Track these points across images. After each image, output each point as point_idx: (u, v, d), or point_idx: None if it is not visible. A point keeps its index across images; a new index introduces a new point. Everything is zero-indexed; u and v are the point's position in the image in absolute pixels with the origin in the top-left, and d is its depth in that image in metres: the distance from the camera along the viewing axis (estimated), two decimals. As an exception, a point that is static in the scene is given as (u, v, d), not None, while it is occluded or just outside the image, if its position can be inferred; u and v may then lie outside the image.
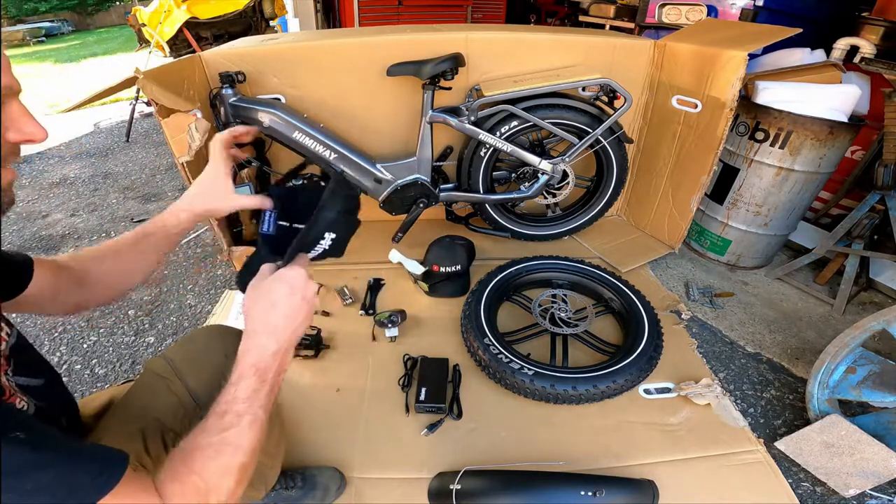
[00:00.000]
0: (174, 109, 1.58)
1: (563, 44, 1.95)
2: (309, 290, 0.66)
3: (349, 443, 1.30)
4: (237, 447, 0.56)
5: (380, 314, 1.63)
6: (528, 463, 1.23)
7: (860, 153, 2.19)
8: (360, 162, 1.89)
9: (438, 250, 1.87)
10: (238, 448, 0.56)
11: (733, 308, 1.89)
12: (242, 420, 0.57)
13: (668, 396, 1.44)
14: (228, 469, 0.55)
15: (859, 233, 1.85)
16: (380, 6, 5.09)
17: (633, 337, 1.52)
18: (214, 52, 1.89)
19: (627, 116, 2.05)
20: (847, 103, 1.77)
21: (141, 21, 4.48)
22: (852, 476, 1.19)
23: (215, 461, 0.55)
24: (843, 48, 2.22)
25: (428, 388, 1.41)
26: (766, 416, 1.45)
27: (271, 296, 0.64)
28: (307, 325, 0.67)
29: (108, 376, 1.58)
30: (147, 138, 3.94)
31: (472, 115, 1.85)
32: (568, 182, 2.01)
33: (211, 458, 0.55)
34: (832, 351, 1.26)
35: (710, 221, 2.14)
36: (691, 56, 1.81)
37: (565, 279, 1.84)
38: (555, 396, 1.36)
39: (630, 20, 3.82)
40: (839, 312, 1.87)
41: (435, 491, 1.16)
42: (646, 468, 1.23)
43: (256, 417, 0.58)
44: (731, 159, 1.99)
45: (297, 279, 0.65)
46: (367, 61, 1.90)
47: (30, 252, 0.90)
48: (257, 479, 0.95)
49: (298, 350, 1.55)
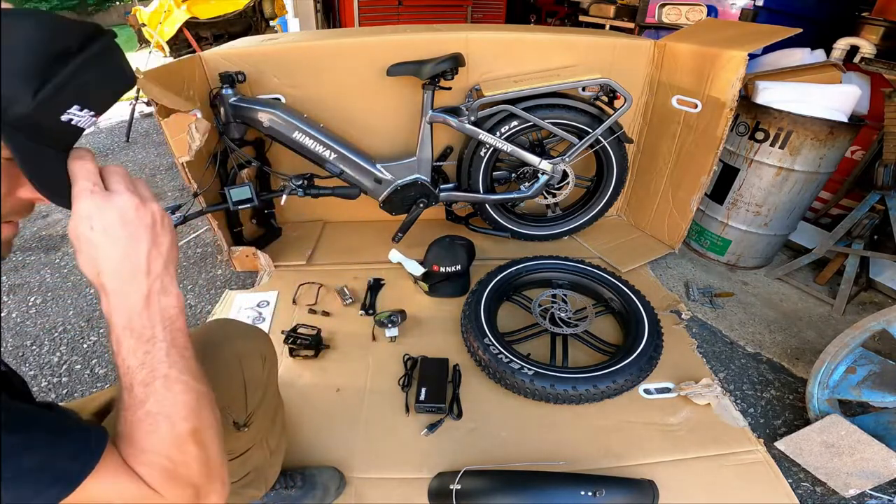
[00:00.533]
0: (174, 109, 1.58)
1: (563, 44, 1.95)
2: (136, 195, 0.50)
3: (349, 443, 1.30)
4: (168, 416, 0.50)
5: (380, 314, 1.63)
6: (528, 463, 1.23)
7: (860, 153, 2.19)
8: (360, 162, 1.89)
9: (438, 250, 1.87)
10: (170, 416, 0.50)
11: (733, 308, 1.89)
12: (153, 388, 0.50)
13: (668, 396, 1.44)
14: (179, 438, 0.51)
15: (859, 233, 1.85)
16: (380, 6, 5.10)
17: (633, 337, 1.52)
18: (214, 52, 1.89)
19: (627, 116, 2.05)
20: (847, 103, 1.77)
21: (141, 21, 4.48)
22: (852, 476, 1.19)
23: (156, 434, 0.50)
24: (843, 48, 2.22)
25: (428, 388, 1.41)
26: (766, 416, 1.45)
27: (100, 237, 0.49)
28: (169, 240, 0.53)
29: (108, 376, 1.58)
30: (147, 138, 3.94)
31: (472, 115, 1.85)
32: (568, 182, 2.01)
33: (151, 431, 0.50)
34: (832, 351, 1.26)
35: (710, 221, 2.14)
36: (691, 56, 1.81)
37: (565, 279, 1.84)
38: (555, 396, 1.36)
39: (630, 20, 3.82)
40: (839, 312, 1.87)
41: (435, 491, 1.16)
42: (646, 468, 1.23)
43: (169, 378, 0.51)
44: (731, 159, 1.99)
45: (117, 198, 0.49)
46: (367, 61, 1.90)
47: (30, 252, 0.90)
48: (257, 478, 0.95)
49: (298, 350, 1.55)
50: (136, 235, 0.50)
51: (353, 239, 2.24)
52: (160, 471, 0.50)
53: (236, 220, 2.00)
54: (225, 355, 0.81)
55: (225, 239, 1.94)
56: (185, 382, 0.52)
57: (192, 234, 2.40)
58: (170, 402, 0.51)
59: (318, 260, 2.10)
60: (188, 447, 0.51)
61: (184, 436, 0.51)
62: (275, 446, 0.98)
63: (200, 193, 1.74)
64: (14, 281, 2.08)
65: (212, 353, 0.81)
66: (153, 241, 0.51)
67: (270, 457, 0.97)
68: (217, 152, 1.81)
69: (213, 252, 2.25)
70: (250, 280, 2.02)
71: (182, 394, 0.52)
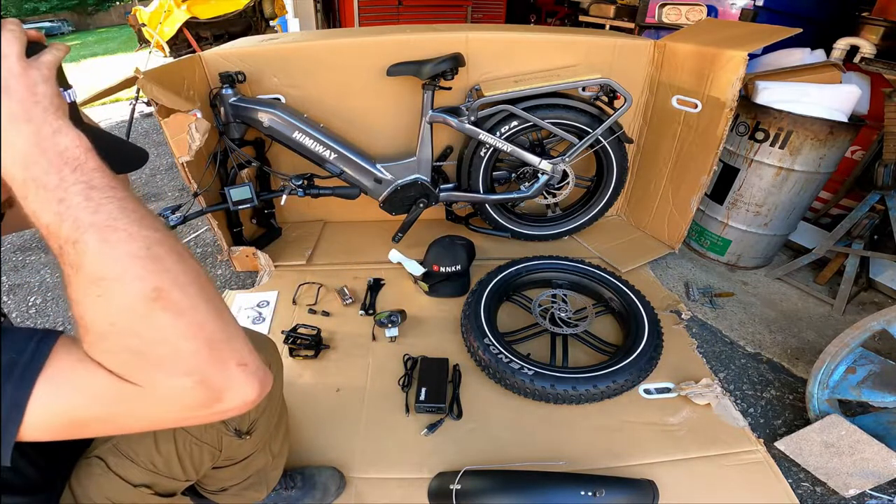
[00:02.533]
0: (174, 109, 1.58)
1: (563, 44, 1.95)
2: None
3: (349, 443, 1.30)
4: (116, 277, 0.40)
5: (380, 314, 1.63)
6: (528, 463, 1.23)
7: (860, 153, 2.19)
8: (360, 162, 1.89)
9: (438, 250, 1.87)
10: (119, 277, 0.40)
11: (733, 308, 1.89)
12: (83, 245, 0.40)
13: (668, 396, 1.44)
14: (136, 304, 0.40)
15: (859, 233, 1.85)
16: (380, 6, 5.10)
17: (633, 337, 1.52)
18: (214, 52, 1.89)
19: (627, 116, 2.05)
20: (847, 103, 1.77)
21: (141, 21, 4.49)
22: (852, 476, 1.19)
23: (106, 304, 0.40)
24: (843, 48, 2.22)
25: (428, 388, 1.41)
26: (766, 416, 1.45)
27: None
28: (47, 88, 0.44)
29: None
30: (147, 138, 3.94)
31: (472, 115, 1.85)
32: (568, 182, 2.01)
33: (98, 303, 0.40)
34: (832, 351, 1.26)
35: (710, 221, 2.14)
36: (691, 56, 1.81)
37: (565, 279, 1.84)
38: (555, 396, 1.36)
39: (630, 20, 3.82)
40: (839, 312, 1.87)
41: (435, 491, 1.16)
42: (646, 468, 1.23)
43: (97, 226, 0.40)
44: (731, 159, 1.99)
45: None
46: (367, 61, 1.90)
47: (30, 252, 0.90)
48: (259, 481, 0.95)
49: (298, 350, 1.55)
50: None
51: (353, 239, 2.24)
52: (127, 353, 0.40)
53: (236, 220, 2.00)
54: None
55: (225, 239, 1.94)
56: (124, 229, 0.41)
57: (192, 234, 2.40)
58: (110, 258, 0.40)
59: (318, 260, 2.10)
60: (156, 316, 0.40)
61: (143, 300, 0.40)
62: (277, 450, 0.98)
63: (200, 193, 1.74)
64: (14, 281, 2.08)
65: None
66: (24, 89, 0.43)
67: (273, 460, 0.97)
68: (217, 152, 1.81)
69: (213, 252, 2.25)
70: (250, 280, 2.02)
71: (123, 243, 0.41)
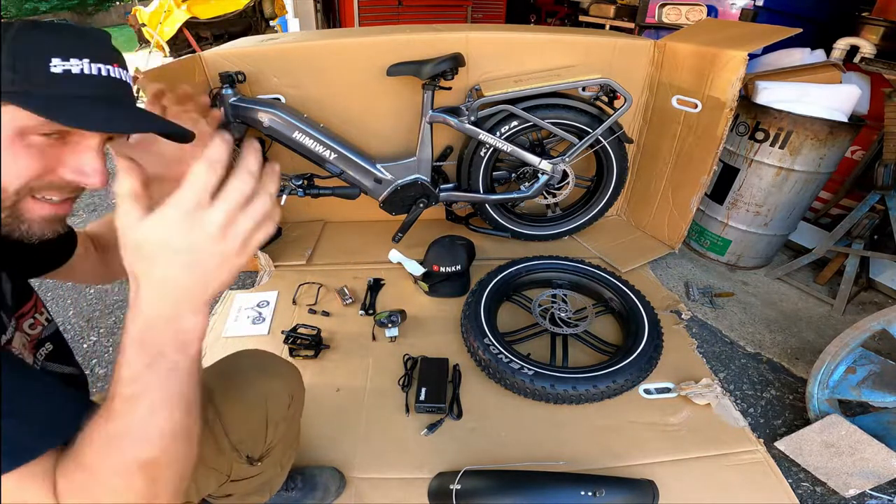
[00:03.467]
0: (174, 109, 1.57)
1: (563, 44, 1.95)
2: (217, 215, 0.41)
3: (349, 443, 1.30)
4: (134, 440, 0.44)
5: (380, 314, 1.63)
6: (528, 463, 1.23)
7: (860, 153, 2.19)
8: (360, 162, 1.89)
9: (438, 250, 1.87)
10: (135, 441, 0.44)
11: (733, 308, 1.89)
12: (136, 406, 0.43)
13: (668, 396, 1.44)
14: (125, 466, 0.44)
15: (859, 233, 1.85)
16: (380, 6, 5.10)
17: (633, 337, 1.52)
18: (214, 52, 1.88)
19: (627, 116, 2.05)
20: (847, 103, 1.77)
21: (141, 21, 4.49)
22: (852, 476, 1.19)
23: (107, 457, 0.44)
24: (843, 48, 2.22)
25: (428, 388, 1.41)
26: (766, 416, 1.45)
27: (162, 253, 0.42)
28: (229, 273, 0.44)
29: (108, 376, 1.58)
30: (147, 138, 3.94)
31: (472, 115, 1.85)
32: (568, 182, 2.01)
33: (100, 451, 0.44)
34: (832, 351, 1.26)
35: (710, 221, 2.14)
36: (691, 56, 1.81)
37: (565, 279, 1.84)
38: (555, 396, 1.36)
39: (630, 20, 3.82)
40: (839, 312, 1.87)
41: (435, 491, 1.16)
42: (646, 468, 1.23)
43: (155, 404, 0.44)
44: (731, 159, 1.99)
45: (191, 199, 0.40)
46: (367, 61, 1.90)
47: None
48: (264, 487, 0.95)
49: (298, 350, 1.55)
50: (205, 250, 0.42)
51: (353, 239, 2.24)
52: (80, 490, 0.44)
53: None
54: (251, 391, 0.80)
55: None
56: (171, 411, 0.45)
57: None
58: (141, 427, 0.44)
59: (318, 260, 2.10)
60: (135, 479, 0.44)
61: (132, 463, 0.44)
62: (286, 462, 0.99)
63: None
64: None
65: (238, 383, 0.81)
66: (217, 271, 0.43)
67: (280, 471, 0.98)
68: (217, 152, 1.81)
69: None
70: (250, 280, 2.02)
71: (162, 424, 0.45)
